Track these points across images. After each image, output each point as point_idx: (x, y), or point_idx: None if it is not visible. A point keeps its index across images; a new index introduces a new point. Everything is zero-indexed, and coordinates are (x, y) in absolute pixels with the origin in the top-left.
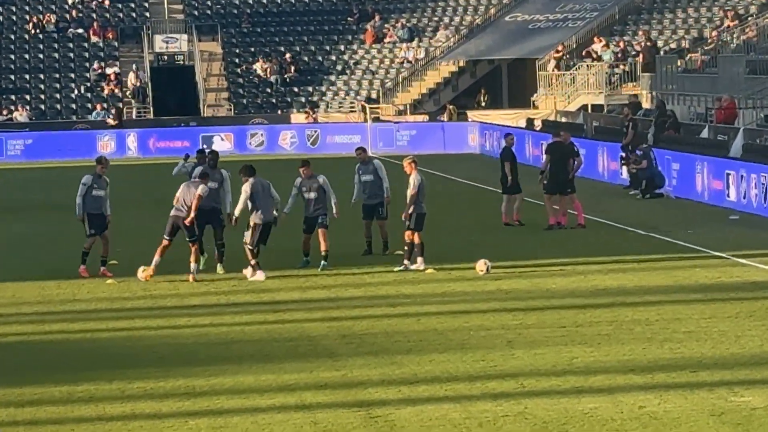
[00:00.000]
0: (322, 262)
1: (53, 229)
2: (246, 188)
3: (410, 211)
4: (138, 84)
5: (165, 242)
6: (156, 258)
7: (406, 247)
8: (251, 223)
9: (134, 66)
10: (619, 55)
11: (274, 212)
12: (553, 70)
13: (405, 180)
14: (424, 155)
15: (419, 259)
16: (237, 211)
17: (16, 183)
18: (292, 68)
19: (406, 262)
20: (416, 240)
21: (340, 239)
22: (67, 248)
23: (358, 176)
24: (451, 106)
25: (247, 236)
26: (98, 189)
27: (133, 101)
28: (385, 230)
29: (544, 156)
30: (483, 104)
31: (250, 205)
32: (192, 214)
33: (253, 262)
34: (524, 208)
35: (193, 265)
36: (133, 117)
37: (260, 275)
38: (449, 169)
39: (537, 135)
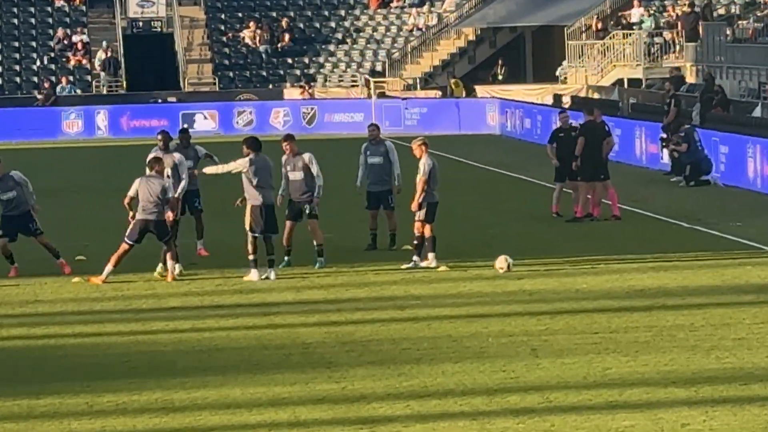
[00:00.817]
0: (318, 258)
1: None
2: (243, 161)
3: (420, 200)
4: (109, 54)
5: (126, 247)
6: (109, 267)
7: (415, 242)
8: (249, 206)
9: (104, 43)
10: (661, 23)
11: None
12: (584, 40)
13: (415, 165)
14: (437, 136)
15: (430, 255)
16: (208, 170)
17: None
18: (286, 36)
19: (415, 258)
20: (427, 233)
21: (340, 231)
22: (27, 243)
23: (364, 157)
24: (453, 80)
25: (247, 221)
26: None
27: (103, 74)
28: (393, 221)
29: (579, 138)
30: (500, 77)
31: (249, 183)
32: (172, 213)
33: (250, 257)
34: (547, 196)
35: (170, 263)
36: (104, 92)
37: (253, 275)
38: (465, 152)
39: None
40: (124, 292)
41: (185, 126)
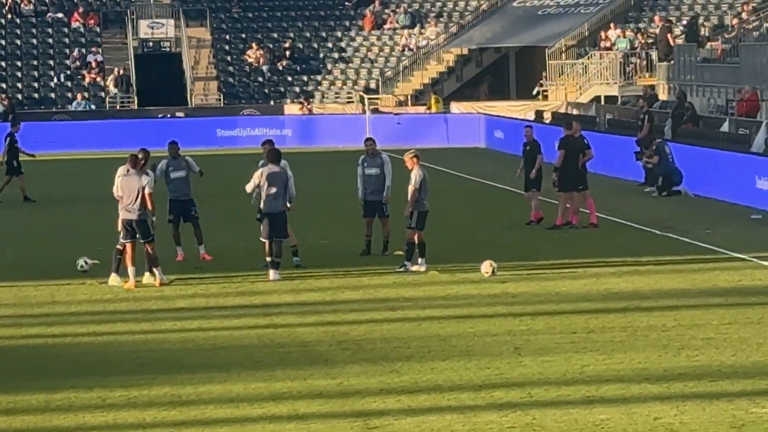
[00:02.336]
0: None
1: (32, 227)
2: (258, 175)
3: (411, 208)
4: (121, 73)
5: (124, 247)
6: (130, 267)
7: (406, 248)
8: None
9: (117, 69)
10: (635, 44)
11: (288, 205)
12: (564, 59)
13: (406, 175)
14: (427, 149)
15: (420, 260)
16: (248, 188)
17: None
18: (287, 56)
19: (406, 263)
20: (417, 239)
21: (336, 238)
22: (46, 247)
23: (361, 169)
24: (434, 96)
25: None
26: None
27: (115, 90)
28: (387, 228)
29: (558, 152)
30: (486, 94)
31: (261, 192)
32: (151, 210)
33: (268, 259)
34: (529, 205)
35: (155, 270)
36: (117, 107)
37: (272, 275)
38: (453, 164)
39: (546, 128)
40: (134, 294)
41: (174, 139)
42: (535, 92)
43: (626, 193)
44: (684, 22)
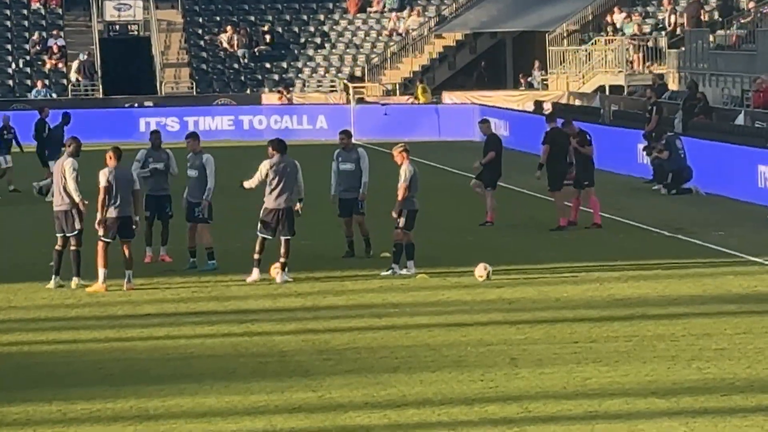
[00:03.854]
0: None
1: None
2: (264, 167)
3: (401, 207)
4: (85, 58)
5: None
6: (102, 269)
7: (394, 249)
8: (263, 207)
9: (80, 54)
10: (643, 29)
11: (299, 201)
12: (565, 46)
13: (393, 171)
14: (417, 142)
15: (409, 263)
16: (247, 184)
17: None
18: (265, 40)
19: (394, 265)
20: (405, 240)
21: (317, 239)
22: (2, 248)
23: (336, 164)
24: (421, 86)
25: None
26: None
27: (79, 78)
28: (365, 227)
29: (543, 146)
30: (485, 79)
31: (267, 186)
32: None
33: (255, 256)
34: (527, 204)
35: (128, 272)
36: (81, 96)
37: (254, 274)
38: (444, 158)
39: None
40: (98, 299)
41: (156, 128)
42: (530, 80)
43: (632, 192)
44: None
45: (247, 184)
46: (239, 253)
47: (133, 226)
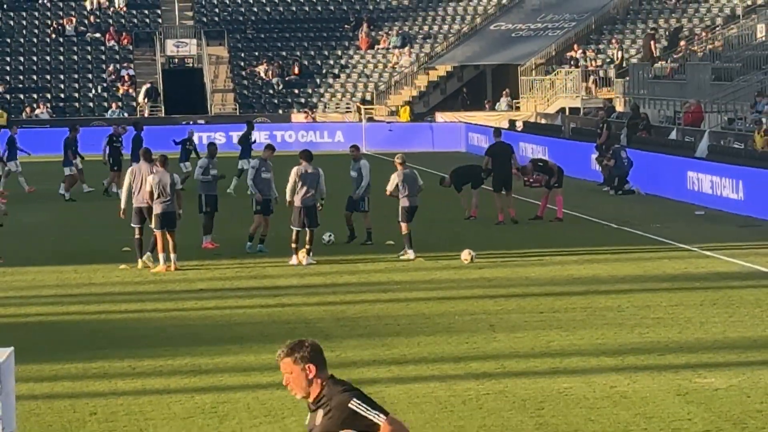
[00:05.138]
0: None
1: (71, 219)
2: (293, 173)
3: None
4: (150, 85)
5: (159, 234)
6: (162, 254)
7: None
8: (294, 206)
9: (147, 82)
10: (595, 62)
11: (321, 200)
12: (534, 75)
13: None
14: (415, 153)
15: (409, 250)
16: (288, 196)
17: (36, 176)
18: (294, 71)
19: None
20: (404, 230)
21: (335, 231)
22: (84, 236)
23: (351, 172)
24: (403, 107)
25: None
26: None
27: (145, 101)
28: (368, 221)
29: (485, 157)
30: (462, 105)
31: (295, 188)
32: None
33: (292, 245)
34: (511, 203)
35: (173, 255)
36: (147, 115)
37: (293, 260)
38: (437, 165)
39: (517, 135)
40: (161, 277)
41: (213, 141)
42: (496, 107)
43: (587, 192)
44: (637, 45)
45: (288, 196)
46: (273, 241)
47: (177, 219)
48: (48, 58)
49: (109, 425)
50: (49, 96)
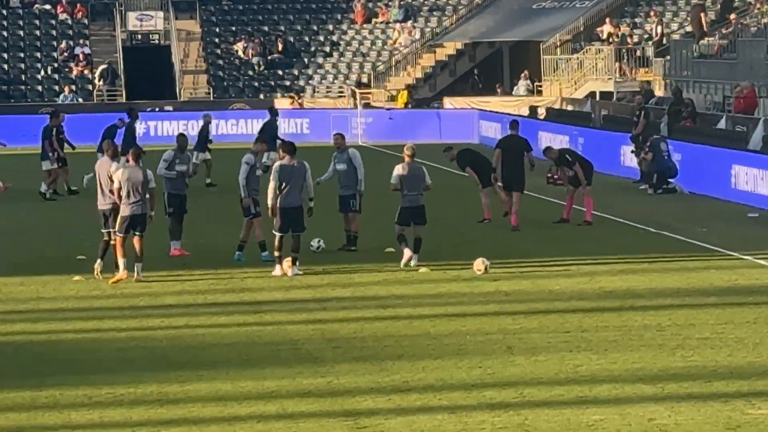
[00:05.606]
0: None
1: (17, 222)
2: (275, 169)
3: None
4: (108, 65)
5: (120, 239)
6: (122, 260)
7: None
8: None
9: (103, 65)
10: (631, 38)
11: (310, 201)
12: (558, 54)
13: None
14: (419, 145)
15: (413, 255)
16: (269, 200)
17: (10, 171)
18: (277, 49)
19: (415, 255)
20: (396, 233)
21: (326, 235)
22: (32, 242)
23: (333, 164)
24: (403, 90)
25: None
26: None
27: (101, 83)
28: (356, 224)
29: (495, 150)
30: (475, 89)
31: (276, 187)
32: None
33: (276, 254)
34: (523, 203)
35: (138, 265)
36: (105, 101)
37: (277, 270)
38: (445, 160)
39: (538, 124)
40: (122, 291)
41: (182, 132)
42: (514, 91)
43: (621, 191)
44: (680, 18)
45: (270, 200)
46: (252, 248)
47: (148, 221)
48: None
49: None
50: None
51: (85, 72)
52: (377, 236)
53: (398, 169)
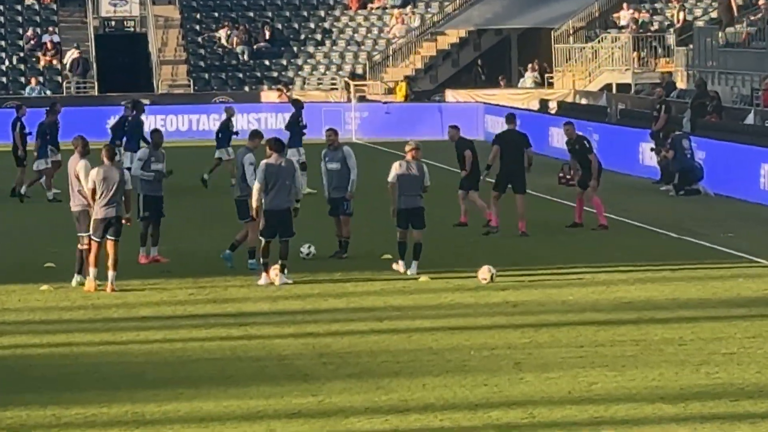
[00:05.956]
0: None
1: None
2: (261, 168)
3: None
4: (79, 55)
5: (95, 245)
6: (93, 268)
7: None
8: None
9: (75, 51)
10: (651, 26)
11: (296, 202)
12: (571, 43)
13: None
14: (419, 141)
15: (400, 261)
16: (254, 201)
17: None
18: (264, 37)
19: (414, 262)
20: (400, 237)
21: (318, 240)
22: (3, 247)
23: (324, 163)
24: (401, 82)
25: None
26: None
27: (71, 74)
28: (348, 228)
29: (493, 147)
30: (477, 81)
31: (262, 187)
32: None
33: (261, 260)
34: (527, 205)
35: (111, 273)
36: (73, 93)
37: (263, 279)
38: (447, 157)
39: (549, 119)
40: (93, 301)
41: (157, 128)
42: (520, 84)
43: (640, 192)
44: (704, 3)
45: (255, 201)
46: (237, 255)
47: (123, 225)
48: None
49: None
50: None
51: (54, 62)
52: (372, 241)
53: (396, 168)
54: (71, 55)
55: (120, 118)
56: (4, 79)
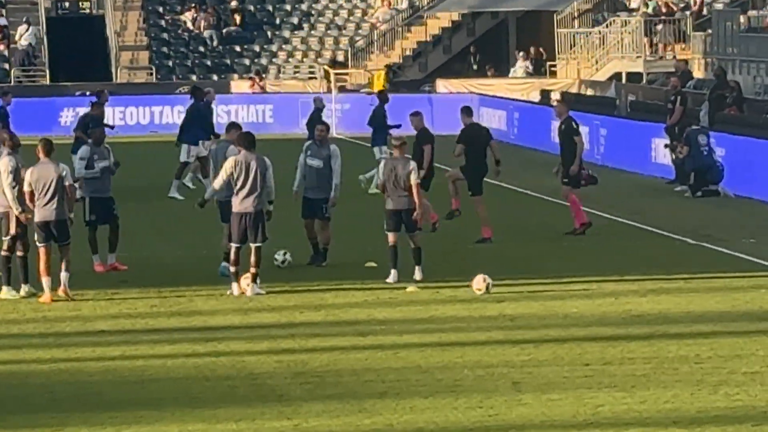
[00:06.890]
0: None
1: None
2: (227, 165)
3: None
4: (30, 40)
5: (43, 251)
6: (46, 278)
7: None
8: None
9: (24, 27)
10: (666, 8)
11: (269, 204)
12: (576, 27)
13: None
14: (406, 136)
15: (395, 272)
16: (207, 195)
17: None
18: (234, 20)
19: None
20: (389, 241)
21: (294, 246)
22: None
23: (304, 157)
24: (380, 71)
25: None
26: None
27: (19, 62)
28: (327, 233)
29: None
30: (473, 68)
31: (231, 187)
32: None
33: (232, 269)
34: (533, 208)
35: (64, 274)
36: (24, 83)
37: (234, 289)
38: (439, 155)
39: (551, 112)
40: (45, 314)
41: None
42: (511, 74)
43: (652, 193)
44: None
45: (208, 194)
46: (205, 263)
47: (68, 226)
48: None
49: None
50: None
51: (1, 48)
52: (354, 248)
53: (383, 166)
54: (22, 37)
55: (84, 114)
56: None
